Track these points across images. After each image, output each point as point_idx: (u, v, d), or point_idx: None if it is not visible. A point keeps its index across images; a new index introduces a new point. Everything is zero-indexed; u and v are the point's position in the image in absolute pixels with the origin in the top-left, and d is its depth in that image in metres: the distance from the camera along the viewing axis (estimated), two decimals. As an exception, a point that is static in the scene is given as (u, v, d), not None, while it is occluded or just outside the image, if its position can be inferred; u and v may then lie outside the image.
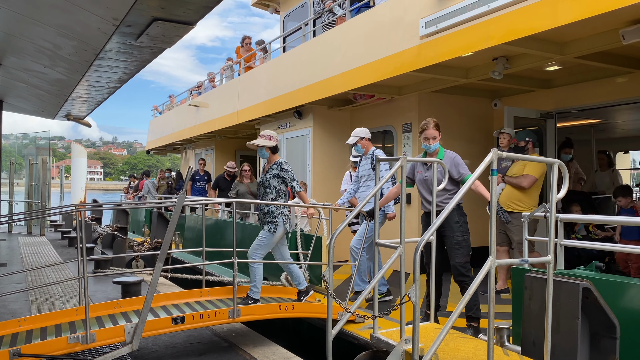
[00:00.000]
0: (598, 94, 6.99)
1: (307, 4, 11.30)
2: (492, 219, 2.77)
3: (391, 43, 6.79)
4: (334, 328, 3.04)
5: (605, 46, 5.21)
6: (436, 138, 4.69)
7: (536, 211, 3.57)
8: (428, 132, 4.68)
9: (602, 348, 3.03)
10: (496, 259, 2.74)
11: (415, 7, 6.38)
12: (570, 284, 2.98)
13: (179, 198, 4.85)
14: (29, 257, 9.29)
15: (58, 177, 20.47)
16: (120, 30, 4.78)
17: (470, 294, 2.68)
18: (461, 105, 8.28)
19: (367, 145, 6.09)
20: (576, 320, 2.92)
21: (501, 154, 2.85)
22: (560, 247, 3.51)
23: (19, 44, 6.13)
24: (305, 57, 9.24)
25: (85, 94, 8.26)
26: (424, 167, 4.76)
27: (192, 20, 4.56)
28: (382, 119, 8.70)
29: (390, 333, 3.33)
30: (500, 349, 3.29)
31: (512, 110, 7.07)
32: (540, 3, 4.79)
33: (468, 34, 5.56)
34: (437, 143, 4.69)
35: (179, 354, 4.31)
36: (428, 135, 4.68)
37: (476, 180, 4.31)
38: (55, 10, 4.80)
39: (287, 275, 6.53)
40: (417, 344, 2.65)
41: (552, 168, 3.10)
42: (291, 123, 10.09)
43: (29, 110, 11.17)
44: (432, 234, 2.81)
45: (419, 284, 2.66)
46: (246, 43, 13.25)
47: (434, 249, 3.86)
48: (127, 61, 6.06)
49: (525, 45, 5.37)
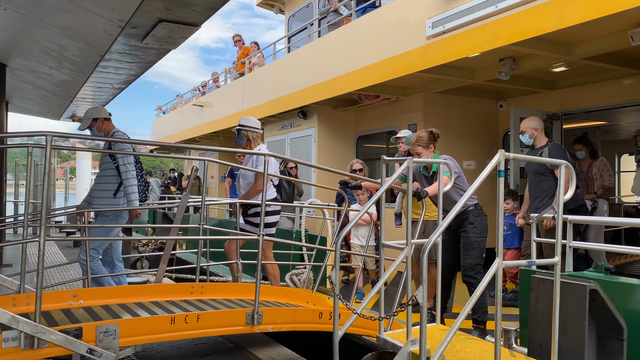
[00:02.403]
0: (604, 96, 6.96)
1: (312, 4, 11.30)
2: (500, 220, 2.76)
3: (397, 43, 6.78)
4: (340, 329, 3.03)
5: (613, 47, 5.19)
6: (420, 154, 4.67)
7: (544, 212, 3.55)
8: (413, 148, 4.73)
9: (609, 350, 3.02)
10: (503, 261, 2.73)
11: (422, 7, 6.37)
12: (577, 285, 2.96)
13: (182, 199, 4.87)
14: (34, 257, 9.31)
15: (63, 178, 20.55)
16: (125, 32, 4.80)
17: (477, 296, 2.67)
18: (466, 106, 8.25)
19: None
20: (583, 322, 2.90)
21: (508, 155, 2.83)
22: (569, 248, 3.49)
23: (25, 46, 6.17)
24: (310, 57, 9.23)
25: (90, 95, 8.30)
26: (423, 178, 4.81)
27: (197, 21, 4.58)
28: (387, 120, 8.68)
29: (397, 334, 3.31)
30: (507, 351, 3.28)
31: (518, 111, 7.05)
32: (548, 4, 4.77)
33: (475, 35, 5.54)
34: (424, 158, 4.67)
35: (184, 355, 4.30)
36: (412, 151, 4.76)
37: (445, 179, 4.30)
38: (62, 12, 4.82)
39: (292, 275, 6.55)
40: (424, 346, 2.64)
41: (560, 169, 3.09)
42: (295, 123, 10.09)
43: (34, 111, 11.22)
44: (439, 236, 2.79)
45: (426, 285, 2.65)
46: (236, 40, 13.35)
47: (440, 249, 3.84)
48: (132, 62, 6.09)
49: (533, 46, 5.35)
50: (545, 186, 5.19)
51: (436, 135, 4.72)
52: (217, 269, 7.81)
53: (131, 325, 3.26)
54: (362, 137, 9.62)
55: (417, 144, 4.67)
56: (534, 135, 5.32)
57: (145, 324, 3.37)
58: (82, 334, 3.01)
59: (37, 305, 2.92)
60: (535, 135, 5.33)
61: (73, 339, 2.95)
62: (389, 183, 3.44)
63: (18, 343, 2.84)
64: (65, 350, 3.00)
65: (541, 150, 5.26)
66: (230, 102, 12.47)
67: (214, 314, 3.71)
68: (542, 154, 5.22)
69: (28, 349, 2.86)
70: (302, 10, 11.88)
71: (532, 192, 5.26)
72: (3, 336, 2.82)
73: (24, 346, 2.85)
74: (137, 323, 3.33)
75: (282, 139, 10.57)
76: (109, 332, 3.06)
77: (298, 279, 6.57)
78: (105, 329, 3.07)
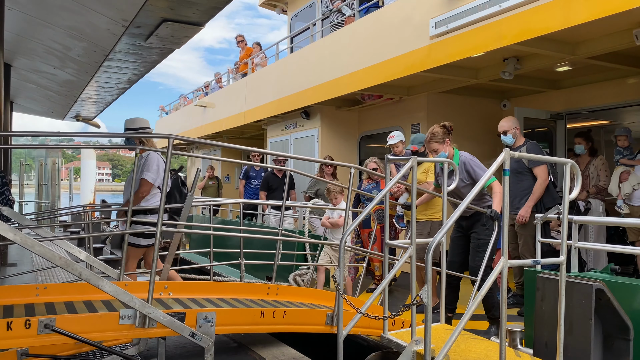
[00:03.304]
0: (609, 95, 6.93)
1: (314, 4, 11.30)
2: (505, 221, 2.75)
3: (400, 43, 6.77)
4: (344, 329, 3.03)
5: (617, 47, 5.17)
6: (438, 150, 4.59)
7: (549, 212, 3.54)
8: (429, 146, 4.66)
9: (615, 350, 3.00)
10: (508, 260, 2.72)
11: (425, 7, 6.36)
12: (583, 285, 2.95)
13: (187, 199, 4.87)
14: (39, 257, 9.35)
15: (67, 179, 20.61)
16: (129, 32, 4.81)
17: (482, 295, 2.66)
18: (470, 105, 8.23)
19: None
20: (589, 322, 2.89)
21: (513, 154, 2.82)
22: (574, 249, 3.48)
23: (29, 46, 6.19)
24: (313, 57, 9.23)
25: (94, 94, 8.32)
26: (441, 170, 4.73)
27: (200, 21, 4.58)
28: (391, 120, 8.67)
29: (401, 334, 3.31)
30: (512, 351, 3.26)
31: (522, 111, 7.03)
32: (552, 3, 4.75)
33: (479, 34, 5.53)
34: (440, 154, 4.59)
35: (188, 354, 4.31)
36: (428, 149, 4.70)
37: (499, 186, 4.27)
38: (66, 12, 4.83)
39: (296, 275, 6.54)
40: (429, 345, 2.63)
41: (565, 168, 3.07)
42: (298, 123, 10.09)
43: (38, 111, 11.25)
44: (443, 236, 2.78)
45: (431, 284, 2.65)
46: (239, 41, 13.37)
47: (445, 249, 3.83)
48: (136, 62, 6.10)
49: (537, 46, 5.34)
50: (524, 185, 5.27)
51: (449, 128, 4.65)
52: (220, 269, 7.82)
53: (227, 314, 3.56)
54: (365, 137, 9.61)
55: (433, 141, 4.58)
56: (516, 134, 5.37)
57: (238, 315, 3.68)
58: (185, 319, 3.32)
59: (150, 290, 3.25)
60: (517, 135, 5.38)
61: (178, 321, 3.26)
62: (392, 183, 3.43)
63: (132, 321, 3.16)
64: (167, 332, 3.30)
65: (519, 149, 5.31)
66: (233, 103, 12.48)
67: (299, 311, 3.97)
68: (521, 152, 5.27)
69: (140, 328, 3.17)
70: (304, 10, 11.88)
71: (511, 191, 5.24)
72: (121, 314, 3.14)
73: (137, 324, 3.16)
74: (232, 313, 3.62)
75: (285, 139, 10.57)
76: (208, 319, 3.36)
77: (302, 279, 6.57)
78: (205, 316, 3.36)
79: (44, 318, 2.89)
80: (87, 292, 3.69)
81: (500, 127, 5.43)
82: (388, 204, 3.50)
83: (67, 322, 2.97)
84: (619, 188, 5.48)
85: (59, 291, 3.69)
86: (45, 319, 2.88)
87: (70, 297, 3.63)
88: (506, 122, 5.43)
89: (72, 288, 3.76)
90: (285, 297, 4.43)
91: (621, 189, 5.44)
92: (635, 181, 5.33)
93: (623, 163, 5.63)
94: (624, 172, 5.49)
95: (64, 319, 2.99)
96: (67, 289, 3.75)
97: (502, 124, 5.45)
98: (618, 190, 5.51)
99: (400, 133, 6.34)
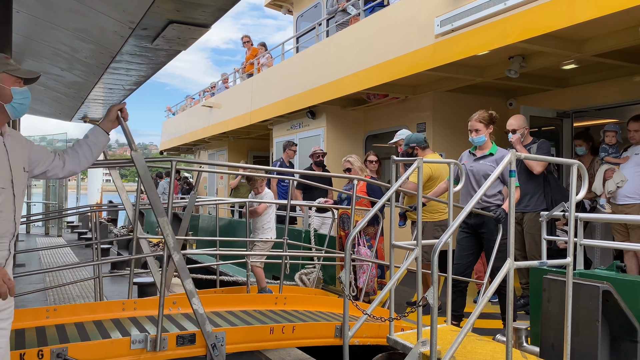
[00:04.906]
0: (615, 93, 6.88)
1: (320, 4, 11.30)
2: (511, 221, 2.74)
3: (405, 42, 6.76)
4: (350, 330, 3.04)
5: (624, 44, 5.14)
6: (479, 131, 4.56)
7: (554, 210, 3.53)
8: (470, 123, 4.62)
9: (622, 352, 2.99)
10: (514, 261, 2.71)
11: (430, 5, 6.34)
12: (590, 286, 2.94)
13: (190, 198, 4.89)
14: (47, 257, 9.42)
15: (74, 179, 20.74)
16: (136, 33, 4.82)
17: (488, 297, 2.66)
18: (476, 104, 8.13)
19: None
20: (596, 323, 2.88)
21: (520, 154, 2.82)
22: (580, 246, 3.46)
23: (36, 48, 6.22)
24: (318, 57, 9.24)
25: (101, 96, 8.35)
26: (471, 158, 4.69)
27: (207, 22, 4.58)
28: (396, 119, 8.66)
29: (407, 335, 3.31)
30: (519, 352, 3.26)
31: (528, 110, 6.99)
32: (558, 1, 4.73)
33: (484, 33, 5.51)
34: (481, 136, 4.55)
35: (195, 355, 4.32)
36: (470, 127, 4.62)
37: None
38: (73, 14, 4.85)
39: (302, 274, 6.56)
40: (434, 347, 2.64)
41: (572, 169, 3.07)
42: (304, 123, 10.09)
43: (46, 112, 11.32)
44: (449, 237, 2.78)
45: (437, 286, 2.65)
46: (245, 42, 13.39)
47: (450, 250, 3.82)
48: (143, 64, 6.11)
49: (542, 44, 5.32)
50: (534, 183, 5.27)
51: (494, 119, 4.64)
52: (227, 268, 7.85)
53: (237, 333, 3.59)
54: (371, 137, 9.60)
55: (479, 121, 4.57)
56: (524, 133, 5.38)
57: (248, 333, 3.70)
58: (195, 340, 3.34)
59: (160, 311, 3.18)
60: (525, 134, 5.39)
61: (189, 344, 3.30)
62: (398, 183, 3.43)
63: (144, 345, 3.13)
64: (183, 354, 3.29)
65: (529, 146, 5.34)
66: (239, 103, 12.51)
67: (307, 325, 4.03)
68: (530, 150, 5.32)
69: (151, 352, 3.15)
70: (310, 10, 11.88)
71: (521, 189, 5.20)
72: (132, 338, 3.12)
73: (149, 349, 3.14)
74: (242, 332, 3.65)
75: (291, 139, 10.57)
76: (218, 339, 3.33)
77: (307, 278, 6.58)
78: (215, 336, 3.33)
79: (56, 348, 2.90)
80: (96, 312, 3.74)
81: (510, 124, 5.42)
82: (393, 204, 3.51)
83: (79, 350, 2.99)
84: (603, 186, 5.39)
85: (68, 312, 3.71)
86: (57, 349, 2.90)
87: (80, 318, 3.66)
88: (516, 120, 5.41)
89: (81, 309, 3.80)
90: (293, 306, 4.48)
91: (605, 188, 5.34)
92: (619, 179, 5.22)
93: (608, 161, 5.52)
94: (609, 170, 5.39)
95: (76, 347, 3.00)
96: (77, 309, 3.78)
97: (511, 121, 5.43)
98: (602, 188, 5.42)
99: (406, 131, 6.32)
